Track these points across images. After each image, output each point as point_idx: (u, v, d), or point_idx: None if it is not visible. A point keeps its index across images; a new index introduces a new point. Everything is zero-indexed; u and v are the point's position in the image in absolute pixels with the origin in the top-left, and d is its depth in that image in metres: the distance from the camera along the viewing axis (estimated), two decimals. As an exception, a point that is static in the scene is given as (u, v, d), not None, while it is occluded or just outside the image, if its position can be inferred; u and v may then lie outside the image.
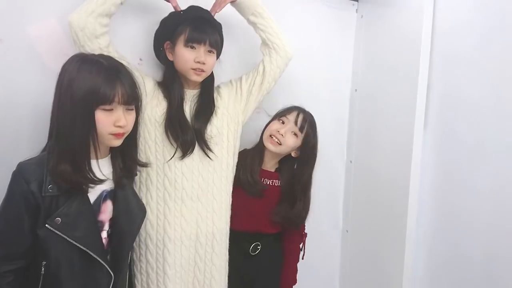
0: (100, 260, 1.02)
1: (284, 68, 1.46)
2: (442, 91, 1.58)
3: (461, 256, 1.49)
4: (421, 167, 1.61)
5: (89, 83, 0.94)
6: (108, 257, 1.08)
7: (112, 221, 1.09)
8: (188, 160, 1.29)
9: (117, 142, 1.03)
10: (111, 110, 0.98)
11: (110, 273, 1.05)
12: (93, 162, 1.02)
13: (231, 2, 1.36)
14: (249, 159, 1.45)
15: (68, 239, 0.96)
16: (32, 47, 1.26)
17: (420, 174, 1.61)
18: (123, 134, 1.03)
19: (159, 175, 1.27)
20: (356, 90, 1.90)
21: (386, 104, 1.73)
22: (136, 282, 1.30)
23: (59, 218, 0.94)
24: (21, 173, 0.95)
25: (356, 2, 1.89)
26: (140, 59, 1.41)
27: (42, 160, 0.97)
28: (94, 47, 1.15)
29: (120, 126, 1.00)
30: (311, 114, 1.52)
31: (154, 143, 1.27)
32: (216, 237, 1.36)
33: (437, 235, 1.60)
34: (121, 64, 1.03)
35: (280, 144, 1.43)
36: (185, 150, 1.27)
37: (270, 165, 1.51)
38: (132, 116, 1.04)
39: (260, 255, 1.46)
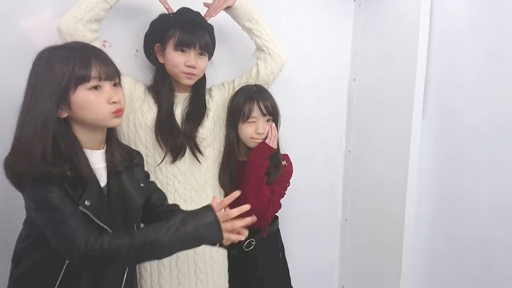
0: None
1: (278, 73, 1.47)
2: (440, 79, 1.56)
3: (459, 244, 1.51)
4: (420, 156, 1.61)
5: (60, 65, 0.91)
6: None
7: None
8: (179, 163, 1.31)
9: (116, 122, 1.00)
10: (98, 88, 0.95)
11: None
12: (87, 152, 0.99)
13: (226, 8, 1.35)
14: (227, 177, 1.42)
15: (97, 221, 0.95)
16: (26, 39, 1.26)
17: (419, 163, 1.61)
18: (121, 110, 1.00)
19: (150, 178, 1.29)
20: (354, 79, 1.89)
21: (384, 93, 1.72)
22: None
23: (88, 201, 0.94)
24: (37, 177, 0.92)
25: (353, -10, 1.88)
26: (137, 50, 1.41)
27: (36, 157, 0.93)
28: None
29: (115, 103, 0.97)
30: (262, 89, 1.42)
31: (145, 147, 1.29)
32: None
33: (436, 223, 1.61)
34: (93, 46, 1.01)
35: (265, 138, 1.40)
36: (175, 154, 1.29)
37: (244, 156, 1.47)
38: (121, 91, 1.02)
39: (255, 250, 1.46)
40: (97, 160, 1.02)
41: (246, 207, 0.98)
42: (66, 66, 0.90)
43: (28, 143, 0.90)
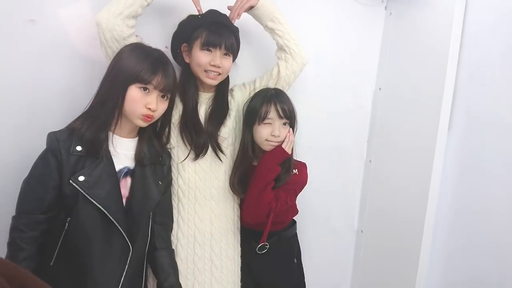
0: (117, 225, 1.07)
1: (298, 74, 1.47)
2: (468, 93, 1.53)
3: (476, 259, 1.47)
4: (443, 170, 1.57)
5: (135, 62, 1.06)
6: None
7: (128, 198, 1.14)
8: (201, 160, 1.33)
9: (143, 124, 1.11)
10: (147, 91, 1.08)
11: (128, 245, 1.10)
12: (115, 137, 1.11)
13: (250, 9, 1.36)
14: (237, 179, 1.40)
15: (87, 196, 1.03)
16: (62, 29, 1.30)
17: (441, 178, 1.57)
18: (151, 117, 1.10)
19: (173, 174, 1.32)
20: (380, 88, 1.87)
21: (410, 104, 1.69)
22: (148, 274, 1.33)
23: (83, 176, 1.03)
24: (54, 134, 1.06)
25: (385, -1, 1.86)
26: (166, 47, 1.43)
27: (73, 127, 1.08)
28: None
29: (150, 109, 1.08)
30: (281, 93, 1.40)
31: (169, 144, 1.31)
32: (230, 233, 1.40)
33: (453, 238, 1.58)
34: (169, 61, 1.14)
35: (281, 142, 1.38)
36: (198, 152, 1.31)
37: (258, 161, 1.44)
38: (164, 105, 1.13)
39: (268, 254, 1.43)
40: (125, 146, 1.14)
41: None
42: (140, 65, 1.06)
43: (94, 110, 1.09)
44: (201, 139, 1.30)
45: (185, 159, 1.31)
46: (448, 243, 1.59)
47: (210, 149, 1.33)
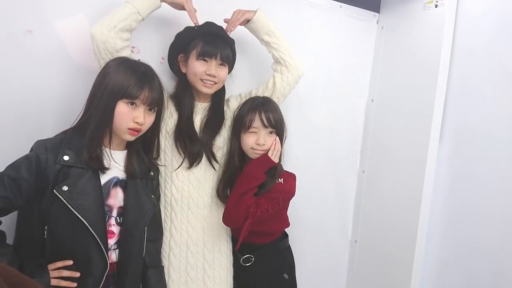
0: (96, 237, 1.05)
1: (294, 86, 1.49)
2: (458, 105, 1.57)
3: (470, 271, 1.48)
4: (435, 180, 1.60)
5: (122, 78, 1.07)
6: (112, 245, 1.12)
7: (122, 209, 1.14)
8: (195, 169, 1.34)
9: (130, 138, 1.13)
10: (134, 106, 1.09)
11: (106, 260, 1.08)
12: (106, 150, 1.12)
13: (246, 23, 1.39)
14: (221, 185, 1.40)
15: (69, 206, 1.02)
16: (59, 41, 1.31)
17: (433, 188, 1.60)
18: (138, 131, 1.12)
19: (167, 182, 1.33)
20: (372, 100, 1.90)
21: (402, 116, 1.72)
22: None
23: (66, 186, 1.03)
24: (43, 142, 1.07)
25: (377, 14, 1.89)
26: (162, 58, 1.45)
27: (63, 137, 1.09)
28: None
29: (137, 123, 1.09)
30: (268, 101, 1.40)
31: (163, 152, 1.33)
32: (223, 241, 1.41)
33: (447, 249, 1.59)
34: (156, 74, 1.15)
35: (266, 149, 1.38)
36: (192, 161, 1.32)
37: None
38: (151, 117, 1.15)
39: (254, 267, 1.42)
40: (116, 158, 1.15)
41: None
42: (127, 81, 1.07)
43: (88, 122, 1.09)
44: (196, 148, 1.32)
45: (178, 167, 1.32)
46: (441, 252, 1.60)
47: (204, 158, 1.34)
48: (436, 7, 1.59)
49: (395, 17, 1.81)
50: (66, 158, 1.05)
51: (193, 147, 1.31)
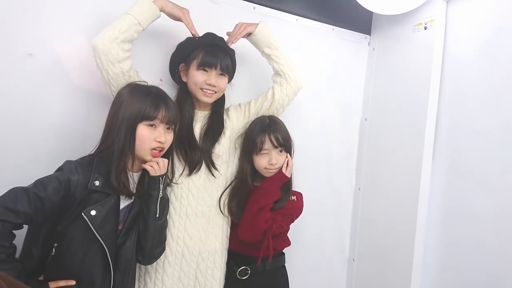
0: (110, 262, 1.10)
1: (293, 97, 1.52)
2: (450, 122, 1.60)
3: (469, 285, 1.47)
4: (429, 197, 1.61)
5: (138, 103, 1.12)
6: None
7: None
8: (195, 177, 1.35)
9: (152, 159, 1.16)
10: (153, 127, 1.14)
11: (110, 282, 1.12)
12: (130, 173, 1.16)
13: (248, 36, 1.44)
14: (235, 202, 1.43)
15: (94, 231, 1.06)
16: (60, 63, 1.34)
17: (428, 204, 1.61)
18: (161, 150, 1.17)
19: (166, 189, 1.31)
20: (366, 119, 1.94)
21: (395, 134, 1.76)
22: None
23: (94, 211, 1.07)
24: (74, 164, 1.09)
25: (368, 36, 1.96)
26: (161, 80, 1.48)
27: (91, 161, 1.12)
28: (117, 71, 1.20)
29: (160, 142, 1.14)
30: (274, 122, 1.46)
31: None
32: (218, 252, 1.39)
33: (443, 267, 1.58)
34: (167, 94, 1.20)
35: (279, 167, 1.44)
36: (192, 168, 1.33)
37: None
38: (171, 136, 1.20)
39: (250, 282, 1.43)
40: (136, 180, 1.19)
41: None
42: (143, 104, 1.12)
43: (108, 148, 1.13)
44: (195, 155, 1.33)
45: (180, 175, 1.32)
46: (438, 273, 1.59)
47: (204, 166, 1.35)
48: (425, 29, 1.65)
49: (386, 39, 1.87)
50: (97, 183, 1.08)
51: (193, 154, 1.33)
